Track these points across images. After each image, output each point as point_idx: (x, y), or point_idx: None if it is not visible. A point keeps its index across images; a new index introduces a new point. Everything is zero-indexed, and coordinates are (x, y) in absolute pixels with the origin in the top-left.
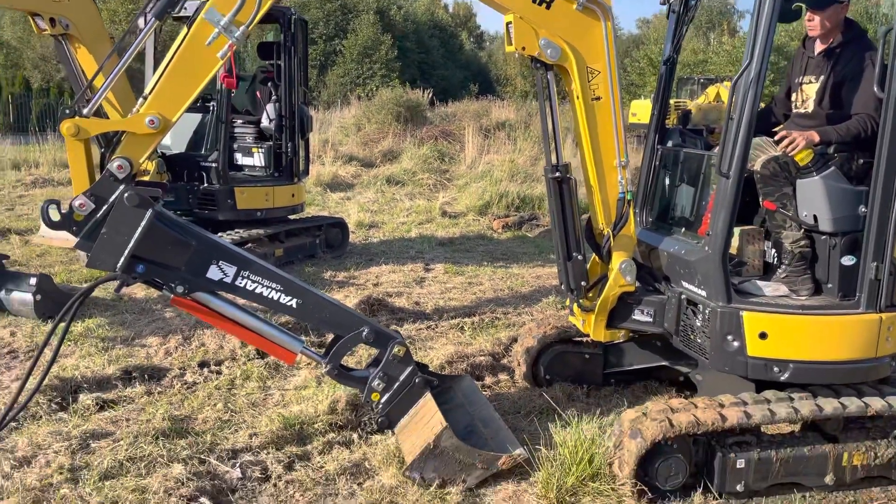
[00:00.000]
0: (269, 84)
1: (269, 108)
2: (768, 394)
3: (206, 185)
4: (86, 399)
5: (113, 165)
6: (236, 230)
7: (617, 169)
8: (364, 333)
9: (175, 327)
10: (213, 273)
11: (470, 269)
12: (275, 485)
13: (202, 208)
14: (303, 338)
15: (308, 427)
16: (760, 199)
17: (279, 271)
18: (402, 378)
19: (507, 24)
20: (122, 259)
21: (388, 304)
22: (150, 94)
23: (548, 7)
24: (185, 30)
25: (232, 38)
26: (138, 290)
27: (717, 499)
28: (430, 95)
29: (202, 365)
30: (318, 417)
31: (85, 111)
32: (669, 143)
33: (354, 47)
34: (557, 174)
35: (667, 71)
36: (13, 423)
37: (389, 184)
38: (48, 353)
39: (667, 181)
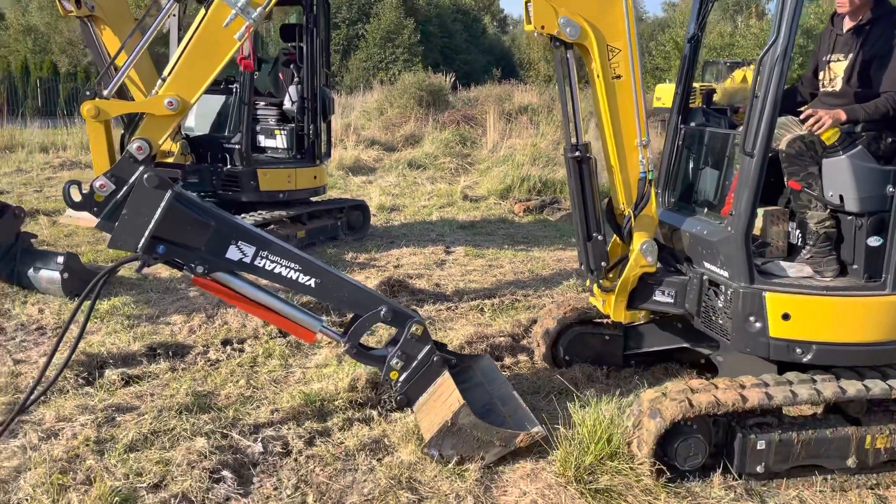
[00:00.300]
0: (292, 66)
1: (292, 90)
2: (790, 375)
3: (229, 166)
4: (112, 374)
5: (133, 147)
6: (259, 211)
7: (638, 148)
8: (382, 312)
9: (199, 306)
10: (233, 253)
11: (490, 252)
12: (295, 459)
13: (225, 190)
14: (322, 317)
15: (328, 404)
16: (785, 179)
17: (298, 251)
18: (420, 357)
19: (526, 2)
20: (143, 240)
21: (408, 286)
22: (168, 76)
23: None
24: (202, 11)
25: (249, 19)
26: (163, 270)
27: (736, 479)
28: (453, 80)
29: (225, 343)
30: (338, 395)
31: (105, 92)
32: (693, 123)
33: (377, 32)
34: (577, 154)
35: (691, 49)
36: (41, 397)
37: (411, 168)
38: (74, 330)
39: (690, 161)
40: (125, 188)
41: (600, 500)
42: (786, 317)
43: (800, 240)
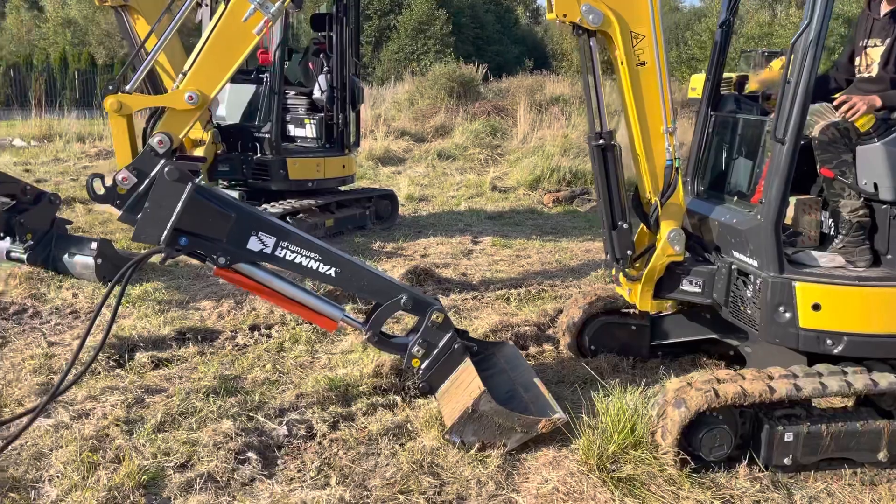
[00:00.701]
0: (322, 56)
1: (321, 79)
2: (820, 367)
3: (259, 155)
4: (142, 357)
5: (154, 140)
6: (288, 200)
7: (664, 136)
8: (402, 300)
9: (228, 292)
10: (254, 244)
11: (518, 242)
12: (319, 443)
13: (255, 178)
14: (344, 306)
15: (353, 389)
16: (818, 167)
17: (318, 241)
18: (441, 344)
19: None
20: (166, 232)
21: (434, 275)
22: (189, 70)
23: None
24: (222, 6)
25: (267, 13)
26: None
27: (762, 471)
28: (485, 71)
29: (253, 328)
30: (362, 380)
31: (127, 87)
32: (723, 111)
33: (409, 23)
34: (601, 141)
35: (722, 35)
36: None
37: (440, 158)
38: (105, 314)
39: (720, 149)
40: (147, 181)
41: (623, 489)
42: (816, 307)
43: (832, 229)
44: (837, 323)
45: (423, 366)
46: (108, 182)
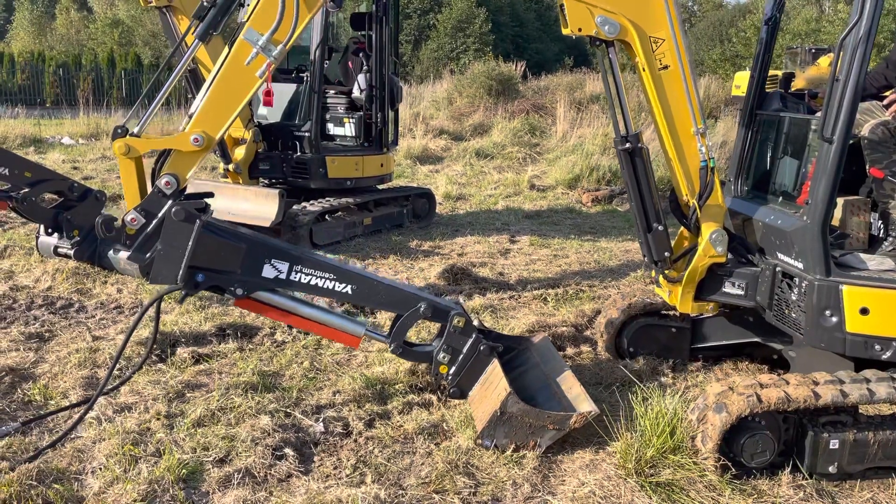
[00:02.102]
0: (361, 55)
1: (361, 78)
2: (868, 373)
3: (298, 153)
4: (183, 352)
5: (161, 182)
6: (327, 198)
7: (695, 137)
8: (422, 309)
9: None
10: (268, 271)
11: (556, 241)
12: (355, 440)
13: (295, 176)
14: (365, 319)
15: (389, 387)
16: (867, 167)
17: (331, 260)
18: (465, 349)
19: (561, 5)
20: (182, 271)
21: (471, 274)
22: (194, 113)
23: None
24: (226, 49)
25: (270, 57)
26: None
27: (806, 479)
28: (523, 68)
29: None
30: (399, 379)
31: (136, 130)
32: (769, 109)
33: (448, 21)
34: (628, 145)
35: (768, 32)
36: (116, 372)
37: (478, 157)
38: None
39: (765, 148)
40: (155, 221)
41: (661, 494)
42: (864, 311)
43: (881, 231)
44: (886, 328)
45: (450, 371)
46: (118, 223)
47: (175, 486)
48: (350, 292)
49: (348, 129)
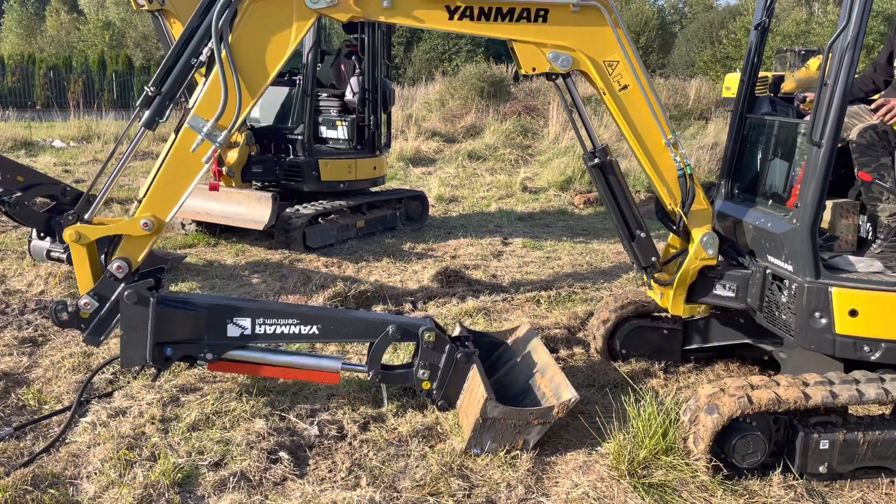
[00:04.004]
0: (353, 58)
1: (353, 81)
2: (857, 374)
3: (291, 156)
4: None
5: (112, 266)
6: (319, 201)
7: (667, 148)
8: (390, 332)
9: (260, 292)
10: (233, 330)
11: (549, 243)
12: (350, 443)
13: (288, 179)
14: (339, 354)
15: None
16: (856, 170)
17: (290, 306)
18: (442, 362)
19: (511, 47)
20: (148, 351)
21: (464, 276)
22: (143, 197)
23: (545, 20)
24: (172, 136)
25: (215, 143)
26: (227, 257)
27: (797, 479)
28: (515, 70)
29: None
30: None
31: (86, 216)
32: (758, 112)
33: None
34: (597, 160)
35: (757, 37)
36: (108, 375)
37: (471, 159)
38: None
39: (754, 151)
40: (108, 305)
41: (654, 495)
42: (853, 313)
43: (870, 233)
44: (875, 329)
45: (434, 387)
46: (71, 307)
47: (170, 491)
48: (317, 332)
49: (341, 132)
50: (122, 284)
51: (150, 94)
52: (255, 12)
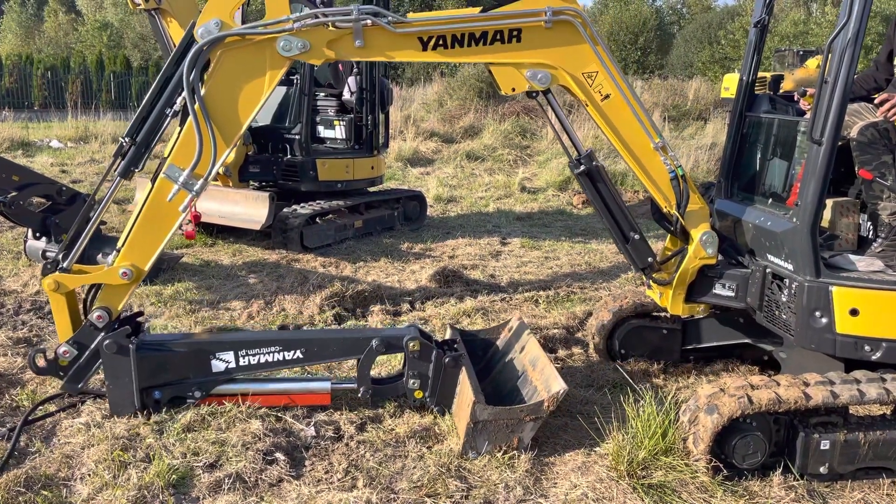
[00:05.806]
0: None
1: (351, 81)
2: (858, 374)
3: (289, 156)
4: None
5: (93, 316)
6: (317, 201)
7: (656, 153)
8: (375, 346)
9: (258, 292)
10: (217, 366)
11: (547, 243)
12: (346, 444)
13: (285, 179)
14: (327, 374)
15: None
16: (856, 168)
17: (271, 333)
18: (431, 370)
19: (489, 70)
20: (136, 397)
21: (462, 276)
22: (122, 247)
23: (518, 40)
24: (149, 185)
25: (192, 192)
26: (224, 257)
27: (797, 480)
28: None
29: (282, 328)
30: None
31: (65, 264)
32: (758, 111)
33: None
34: (583, 167)
35: (757, 35)
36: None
37: (469, 159)
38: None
39: (754, 150)
40: (87, 353)
41: (654, 496)
42: (854, 312)
43: (871, 232)
44: (876, 328)
45: (426, 395)
46: (50, 355)
47: (165, 492)
48: (301, 356)
49: (339, 132)
50: (102, 333)
51: (124, 144)
52: (227, 61)
